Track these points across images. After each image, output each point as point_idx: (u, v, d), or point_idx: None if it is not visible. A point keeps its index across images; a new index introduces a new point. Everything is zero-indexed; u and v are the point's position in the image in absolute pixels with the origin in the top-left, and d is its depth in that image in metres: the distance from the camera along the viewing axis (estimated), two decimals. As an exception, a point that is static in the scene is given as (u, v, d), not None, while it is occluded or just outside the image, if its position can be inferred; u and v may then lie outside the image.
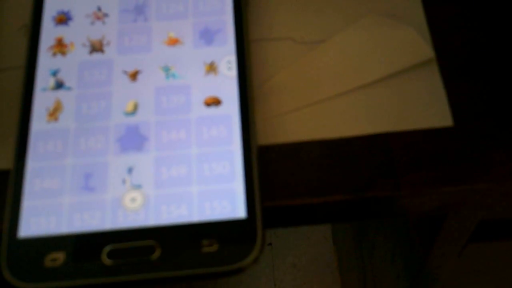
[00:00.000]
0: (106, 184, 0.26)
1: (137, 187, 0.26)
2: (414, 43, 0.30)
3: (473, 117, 0.29)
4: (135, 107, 0.28)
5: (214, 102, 0.28)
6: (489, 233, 0.40)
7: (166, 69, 0.28)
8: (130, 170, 0.26)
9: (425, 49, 0.30)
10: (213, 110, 0.27)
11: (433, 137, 0.28)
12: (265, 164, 0.28)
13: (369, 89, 0.29)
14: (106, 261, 0.24)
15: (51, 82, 0.28)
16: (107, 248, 0.25)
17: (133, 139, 0.27)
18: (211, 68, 0.28)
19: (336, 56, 0.30)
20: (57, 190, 0.26)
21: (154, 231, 0.25)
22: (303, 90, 0.29)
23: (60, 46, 0.29)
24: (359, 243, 0.74)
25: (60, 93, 0.28)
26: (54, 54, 0.29)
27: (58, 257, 0.25)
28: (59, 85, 0.28)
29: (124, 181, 0.26)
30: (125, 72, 0.28)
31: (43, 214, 0.25)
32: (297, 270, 0.97)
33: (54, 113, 0.28)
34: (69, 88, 0.28)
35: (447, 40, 0.31)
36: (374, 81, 0.29)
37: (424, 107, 0.29)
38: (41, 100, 0.28)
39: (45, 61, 0.29)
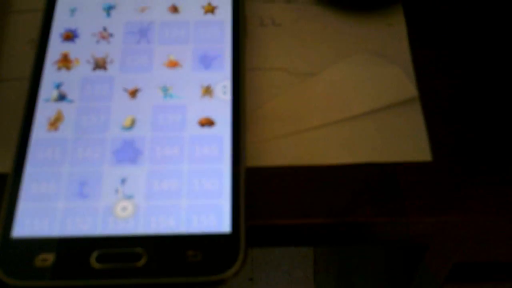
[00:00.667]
0: (99, 192, 0.27)
1: (129, 197, 0.27)
2: (399, 81, 0.32)
3: (451, 154, 0.30)
4: (133, 123, 0.29)
5: (208, 123, 0.29)
6: (465, 274, 0.41)
7: (165, 89, 0.30)
8: (123, 181, 0.27)
9: (409, 88, 0.32)
10: (206, 130, 0.29)
11: (412, 170, 0.30)
12: (252, 184, 0.29)
13: (354, 121, 0.31)
14: (95, 264, 0.25)
15: (54, 94, 0.30)
16: (96, 253, 0.26)
17: (128, 152, 0.28)
18: (207, 91, 0.30)
19: (326, 88, 0.32)
20: (52, 194, 0.27)
21: (142, 239, 0.26)
22: (292, 118, 0.31)
23: (65, 61, 0.31)
24: (340, 283, 0.74)
25: (62, 105, 0.29)
26: (59, 68, 0.31)
27: (48, 258, 0.26)
28: (62, 97, 0.30)
29: (116, 191, 0.27)
30: (125, 90, 0.30)
31: (37, 216, 0.26)
32: (277, 306, 0.97)
33: (54, 122, 0.29)
34: (71, 101, 0.30)
35: (430, 82, 0.32)
36: (360, 114, 0.31)
37: (405, 141, 0.30)
38: (43, 110, 0.29)
39: (50, 74, 0.30)
